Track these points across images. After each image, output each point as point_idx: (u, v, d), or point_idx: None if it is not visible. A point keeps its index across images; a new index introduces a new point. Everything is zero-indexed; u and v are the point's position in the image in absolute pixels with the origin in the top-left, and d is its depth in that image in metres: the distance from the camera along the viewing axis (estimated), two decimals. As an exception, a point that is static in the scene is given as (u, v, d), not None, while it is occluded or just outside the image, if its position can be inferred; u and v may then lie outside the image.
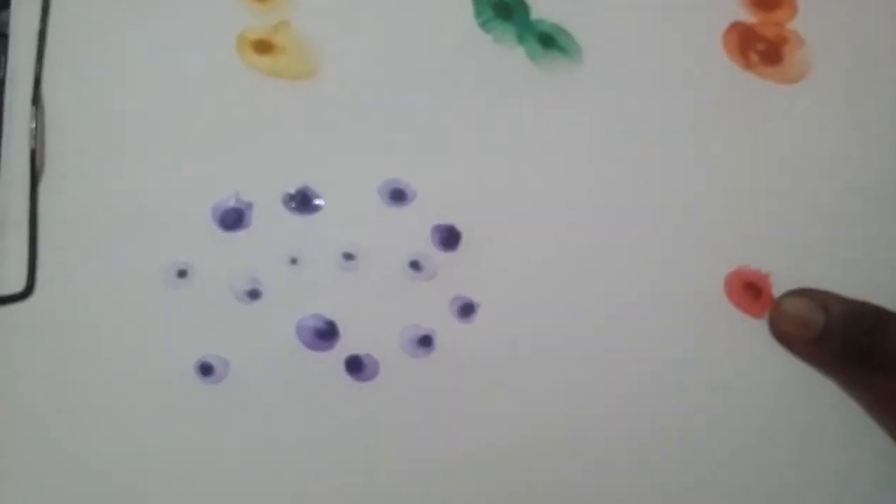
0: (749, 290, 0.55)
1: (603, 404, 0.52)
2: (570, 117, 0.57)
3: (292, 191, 0.53)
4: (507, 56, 0.58)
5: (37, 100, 0.53)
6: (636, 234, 0.55)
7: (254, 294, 0.51)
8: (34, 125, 0.52)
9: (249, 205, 0.52)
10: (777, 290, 0.55)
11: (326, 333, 0.50)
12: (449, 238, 0.53)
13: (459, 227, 0.54)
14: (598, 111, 0.58)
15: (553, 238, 0.54)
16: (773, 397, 0.53)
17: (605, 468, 0.51)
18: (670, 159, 0.57)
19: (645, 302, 0.54)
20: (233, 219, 0.52)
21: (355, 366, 0.50)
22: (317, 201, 0.53)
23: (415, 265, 0.53)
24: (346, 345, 0.50)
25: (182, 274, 0.50)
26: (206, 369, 0.49)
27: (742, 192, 0.56)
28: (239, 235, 0.52)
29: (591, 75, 0.58)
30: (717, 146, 0.57)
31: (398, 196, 0.54)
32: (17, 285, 0.50)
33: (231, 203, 0.52)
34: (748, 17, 0.60)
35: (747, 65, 0.59)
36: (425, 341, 0.51)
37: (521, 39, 0.58)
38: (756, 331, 0.54)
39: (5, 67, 0.53)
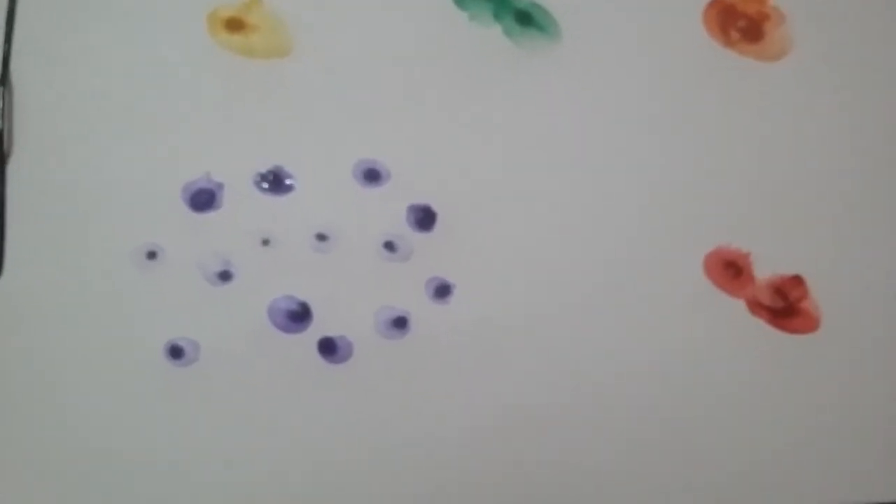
0: (729, 269, 0.54)
1: (580, 384, 0.51)
2: (548, 96, 0.56)
3: (264, 171, 0.52)
4: (484, 34, 0.57)
5: (4, 81, 0.52)
6: (614, 213, 0.54)
7: (225, 276, 0.50)
8: (2, 105, 0.51)
9: (220, 185, 0.51)
10: (757, 269, 0.54)
11: (299, 315, 0.50)
12: (424, 218, 0.53)
13: (435, 207, 0.53)
14: (577, 90, 0.57)
15: (530, 219, 0.54)
16: (752, 375, 0.52)
17: (581, 448, 0.51)
18: (649, 138, 0.56)
19: (624, 282, 0.53)
20: (204, 199, 0.51)
21: (329, 348, 0.49)
22: (289, 181, 0.52)
23: (389, 246, 0.52)
24: (320, 326, 0.50)
25: (152, 255, 0.50)
26: (176, 352, 0.48)
27: (722, 171, 0.55)
28: (210, 216, 0.51)
29: (569, 53, 0.57)
30: (697, 124, 0.57)
31: (372, 176, 0.53)
32: (-15, 268, 0.49)
33: (202, 183, 0.51)
34: (729, -7, 0.60)
35: (728, 42, 0.58)
36: (400, 323, 0.50)
37: (497, 17, 0.57)
38: (735, 310, 0.53)
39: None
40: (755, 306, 0.54)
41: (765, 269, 0.54)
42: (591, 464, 0.50)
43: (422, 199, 0.53)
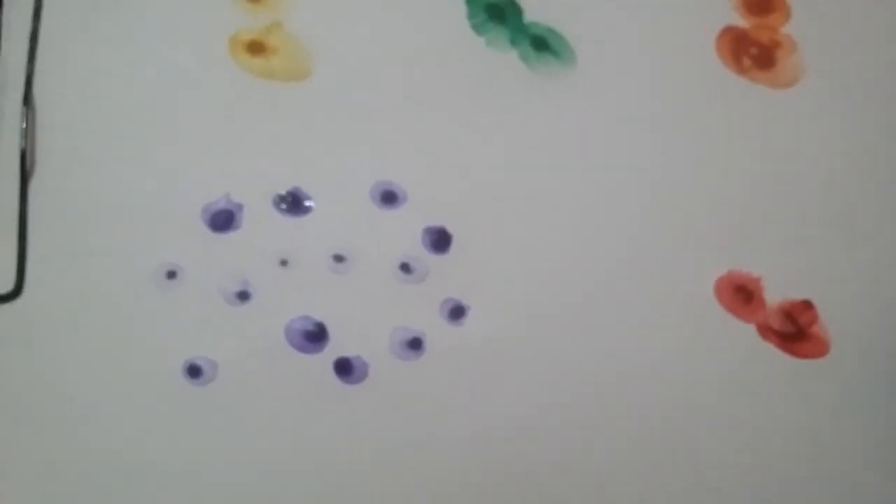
0: (740, 294, 0.55)
1: (593, 406, 0.52)
2: (563, 121, 0.57)
3: (283, 192, 0.53)
4: (500, 59, 0.58)
5: (28, 100, 0.52)
6: (627, 237, 0.55)
7: (243, 295, 0.50)
8: (25, 125, 0.52)
9: (240, 206, 0.52)
10: (768, 294, 0.55)
11: (315, 335, 0.50)
12: (440, 240, 0.53)
13: (450, 229, 0.54)
14: (591, 115, 0.57)
15: (544, 241, 0.54)
16: (762, 399, 0.53)
17: (595, 468, 0.51)
18: (663, 163, 0.57)
19: (636, 305, 0.54)
20: (223, 220, 0.52)
21: (344, 368, 0.50)
22: (308, 203, 0.53)
23: (405, 267, 0.52)
24: (336, 347, 0.50)
25: (171, 275, 0.50)
26: (194, 371, 0.49)
27: (734, 196, 0.56)
28: (229, 236, 0.52)
29: (584, 79, 0.58)
30: (709, 150, 0.57)
31: (389, 198, 0.54)
32: (6, 285, 0.50)
33: (221, 204, 0.52)
34: (741, 21, 0.60)
35: (740, 69, 0.59)
36: (415, 344, 0.51)
37: (513, 42, 0.58)
38: (746, 334, 0.54)
39: (-3, 67, 0.53)
40: (765, 331, 0.54)
41: (775, 294, 0.55)
42: (604, 480, 0.51)
43: (437, 222, 0.54)
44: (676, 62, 0.59)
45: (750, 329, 0.54)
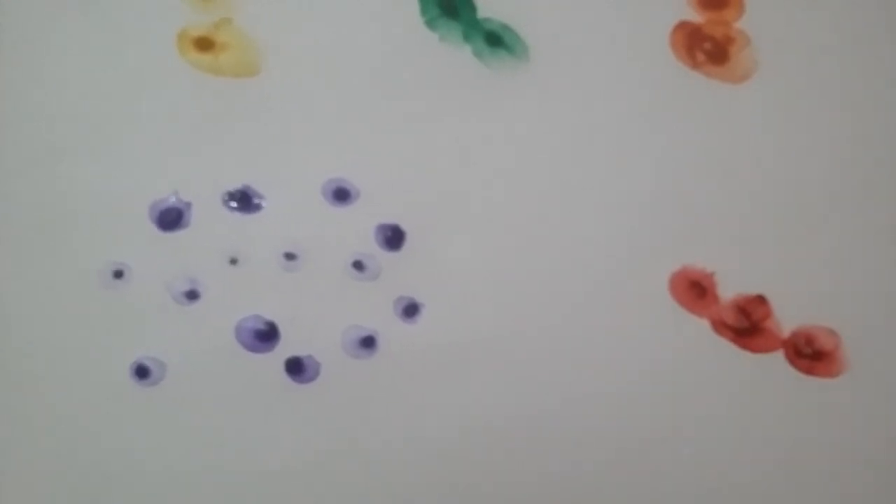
0: (694, 289, 0.55)
1: (546, 402, 0.52)
2: (517, 116, 0.57)
3: (233, 189, 0.52)
4: (454, 54, 0.57)
5: (-29, 97, 0.51)
6: (581, 232, 0.55)
7: (192, 295, 0.50)
8: (-32, 123, 0.51)
9: (188, 204, 0.51)
10: (721, 289, 0.55)
11: (266, 335, 0.50)
12: (393, 238, 0.53)
13: (404, 226, 0.53)
14: (545, 110, 0.57)
15: (498, 238, 0.54)
16: (717, 394, 0.53)
17: (547, 465, 0.51)
18: (616, 158, 0.57)
19: (590, 300, 0.54)
20: (171, 218, 0.51)
21: (296, 367, 0.49)
22: (258, 200, 0.52)
23: (358, 265, 0.52)
24: (287, 346, 0.50)
25: (118, 274, 0.50)
26: (142, 371, 0.48)
27: (687, 191, 0.56)
28: (177, 235, 0.51)
29: (537, 74, 0.58)
30: (663, 145, 0.57)
31: (341, 195, 0.53)
32: (-51, 286, 0.49)
33: (170, 202, 0.51)
34: (695, 16, 0.60)
35: (694, 64, 0.59)
36: (368, 342, 0.51)
37: (467, 38, 0.58)
38: (700, 329, 0.54)
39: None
40: (720, 326, 0.54)
41: (728, 289, 0.55)
42: (558, 480, 0.51)
43: (390, 219, 0.53)
44: (630, 57, 0.59)
45: (704, 324, 0.54)
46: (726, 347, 0.54)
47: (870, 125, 0.56)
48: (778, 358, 0.54)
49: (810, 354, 0.55)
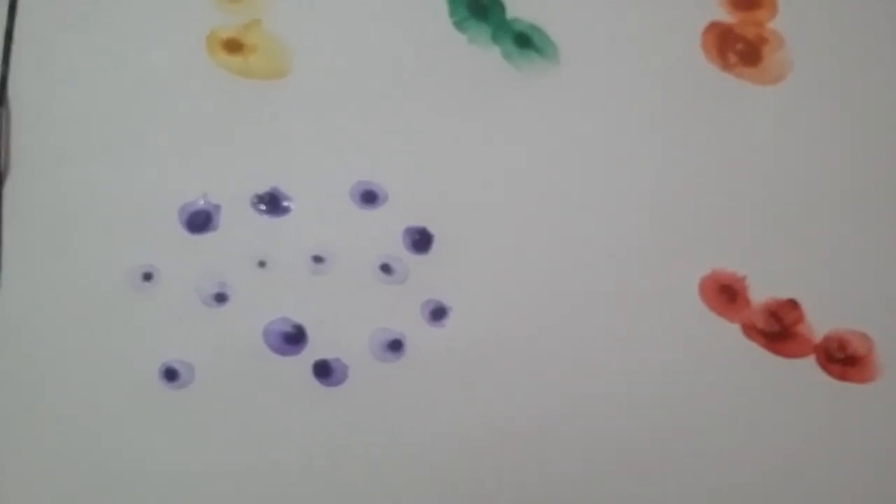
0: (724, 293, 0.54)
1: (575, 406, 0.51)
2: (546, 118, 0.56)
3: (261, 192, 0.52)
4: (482, 56, 0.57)
5: (2, 100, 0.52)
6: (611, 235, 0.54)
7: (220, 297, 0.50)
8: (0, 125, 0.51)
9: (217, 207, 0.52)
10: (752, 293, 0.54)
11: (294, 338, 0.50)
12: (421, 241, 0.53)
13: (432, 229, 0.53)
14: (575, 112, 0.57)
15: (526, 241, 0.54)
16: (747, 397, 0.52)
17: (577, 466, 0.50)
18: (646, 161, 0.56)
19: (619, 304, 0.53)
20: (200, 221, 0.51)
21: (323, 371, 0.49)
22: (286, 203, 0.52)
23: (386, 268, 0.52)
24: (315, 349, 0.50)
25: (147, 277, 0.50)
26: (170, 374, 0.48)
27: (719, 194, 0.55)
28: (206, 238, 0.51)
29: (567, 75, 0.57)
30: (693, 148, 0.57)
31: (369, 198, 0.53)
32: (-19, 288, 0.49)
33: (199, 205, 0.51)
34: (727, 16, 0.60)
35: (725, 65, 0.59)
36: (395, 345, 0.50)
37: (496, 39, 0.57)
38: (730, 333, 0.53)
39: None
40: (750, 330, 0.54)
41: (760, 293, 0.54)
42: (586, 482, 0.50)
43: (418, 222, 0.53)
44: (661, 58, 0.58)
45: (735, 328, 0.54)
46: (757, 352, 0.53)
47: (906, 127, 0.55)
48: (810, 363, 0.54)
49: (843, 359, 0.54)
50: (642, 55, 0.58)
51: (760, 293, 0.54)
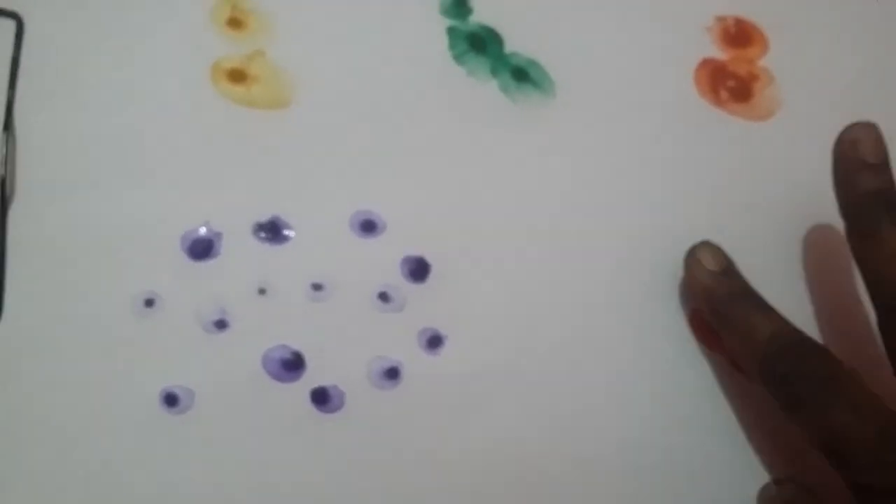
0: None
1: (572, 437, 0.52)
2: (543, 151, 0.58)
3: (263, 220, 0.53)
4: (481, 89, 0.58)
5: (8, 126, 0.53)
6: (606, 268, 0.55)
7: (221, 324, 0.51)
8: (5, 152, 0.52)
9: (219, 234, 0.52)
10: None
11: (293, 364, 0.50)
12: (418, 270, 0.54)
13: (429, 258, 0.54)
14: (570, 145, 0.58)
15: (523, 271, 0.55)
16: (738, 429, 0.53)
17: (574, 496, 0.51)
18: (640, 195, 0.57)
19: (615, 336, 0.54)
20: (202, 248, 0.52)
21: (321, 397, 0.50)
22: (287, 231, 0.53)
23: (383, 297, 0.53)
24: (313, 376, 0.50)
25: (149, 303, 0.50)
26: (170, 399, 0.49)
27: (712, 228, 0.56)
28: (208, 265, 0.52)
29: (563, 109, 0.59)
30: (687, 183, 0.58)
31: (368, 227, 0.54)
32: (-16, 312, 0.50)
33: (201, 232, 0.52)
34: (720, 53, 0.61)
35: (717, 101, 0.60)
36: (392, 373, 0.51)
37: (494, 72, 0.59)
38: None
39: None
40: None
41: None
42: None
43: (416, 251, 0.54)
44: (655, 94, 0.60)
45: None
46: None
47: None
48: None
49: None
50: (638, 90, 0.59)
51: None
